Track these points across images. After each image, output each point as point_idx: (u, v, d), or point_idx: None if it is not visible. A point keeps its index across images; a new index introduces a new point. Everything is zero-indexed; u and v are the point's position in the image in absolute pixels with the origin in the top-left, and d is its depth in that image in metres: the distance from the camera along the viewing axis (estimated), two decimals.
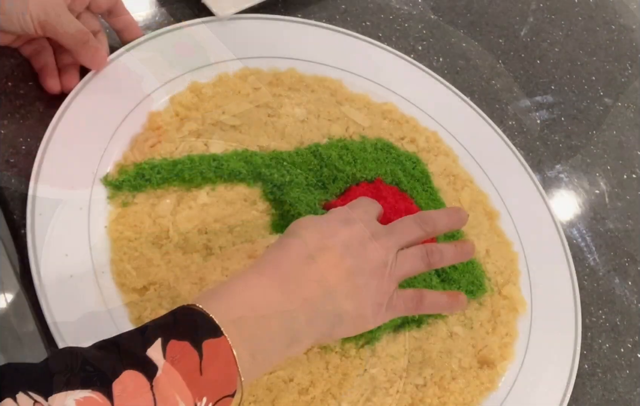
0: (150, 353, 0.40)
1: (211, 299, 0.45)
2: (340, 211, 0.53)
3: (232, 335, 0.43)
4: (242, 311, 0.45)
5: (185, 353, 0.41)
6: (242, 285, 0.46)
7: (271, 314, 0.46)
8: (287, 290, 0.47)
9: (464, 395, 0.59)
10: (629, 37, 1.03)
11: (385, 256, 0.51)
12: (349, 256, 0.49)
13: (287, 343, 0.47)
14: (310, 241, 0.49)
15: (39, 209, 0.56)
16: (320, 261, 0.48)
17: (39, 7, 0.59)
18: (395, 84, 0.78)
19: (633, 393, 0.67)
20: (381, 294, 0.51)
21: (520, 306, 0.67)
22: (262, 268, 0.48)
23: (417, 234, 0.54)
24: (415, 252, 0.54)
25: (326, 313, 0.48)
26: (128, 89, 0.66)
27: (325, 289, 0.48)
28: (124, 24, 0.69)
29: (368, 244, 0.51)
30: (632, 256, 0.78)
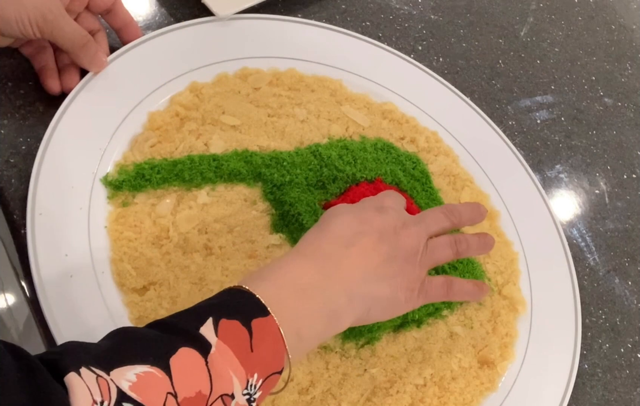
0: (203, 331, 0.41)
1: (257, 281, 0.46)
2: (373, 199, 0.56)
3: (279, 314, 0.44)
4: (287, 292, 0.46)
5: (236, 331, 0.42)
6: (285, 267, 0.48)
7: (314, 295, 0.47)
8: (328, 272, 0.49)
9: (464, 395, 0.59)
10: (629, 37, 1.03)
11: (417, 243, 0.53)
12: (384, 242, 0.51)
13: (329, 322, 0.48)
14: (348, 227, 0.51)
15: (39, 209, 0.56)
16: (357, 246, 0.50)
17: (37, 10, 0.59)
18: (395, 84, 0.78)
19: (633, 393, 0.67)
20: (413, 280, 0.53)
21: (520, 306, 0.67)
22: (304, 250, 0.50)
23: (445, 224, 0.57)
24: (445, 240, 0.56)
25: (364, 295, 0.50)
26: (128, 89, 0.66)
27: (363, 272, 0.50)
28: (124, 23, 0.69)
29: (401, 231, 0.53)
30: (632, 256, 0.78)
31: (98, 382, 0.37)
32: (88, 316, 0.53)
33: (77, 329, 0.52)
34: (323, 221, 0.52)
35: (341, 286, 0.49)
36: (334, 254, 0.50)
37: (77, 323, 0.52)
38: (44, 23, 0.59)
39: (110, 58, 0.67)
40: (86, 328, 0.52)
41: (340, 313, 0.49)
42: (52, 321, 0.51)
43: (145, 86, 0.67)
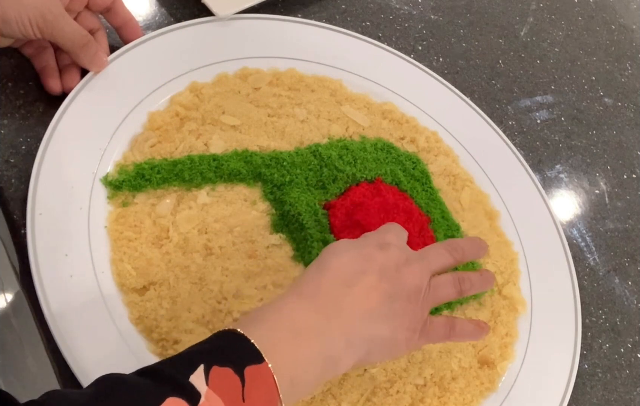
0: (193, 379, 0.40)
1: (252, 324, 0.45)
2: (375, 235, 0.53)
3: (273, 361, 0.43)
4: (283, 335, 0.45)
5: (228, 380, 0.41)
6: (283, 308, 0.47)
7: (311, 339, 0.46)
8: (327, 314, 0.47)
9: (464, 395, 0.59)
10: (629, 37, 1.03)
11: (419, 282, 0.51)
12: (386, 280, 0.50)
13: (325, 368, 0.47)
14: (349, 265, 0.49)
15: (39, 209, 0.56)
16: (359, 285, 0.49)
17: (37, 11, 0.59)
18: (395, 84, 0.78)
19: (633, 393, 0.67)
20: (415, 320, 0.51)
21: (520, 306, 0.66)
22: (302, 290, 0.48)
23: (448, 261, 0.55)
24: (448, 279, 0.54)
25: (363, 338, 0.48)
26: (128, 89, 0.66)
27: (363, 313, 0.48)
28: (124, 22, 0.69)
29: (403, 269, 0.51)
30: (632, 256, 0.78)
31: None
32: (88, 316, 0.53)
33: (77, 329, 0.52)
34: (323, 258, 0.50)
35: (340, 330, 0.47)
36: (334, 294, 0.48)
37: (77, 323, 0.52)
38: (44, 23, 0.59)
39: (111, 58, 0.67)
40: (86, 328, 0.52)
41: (337, 358, 0.47)
42: (52, 321, 0.51)
43: (145, 86, 0.67)
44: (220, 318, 0.56)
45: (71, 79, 0.64)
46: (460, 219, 0.71)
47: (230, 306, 0.56)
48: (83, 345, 0.51)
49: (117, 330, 0.53)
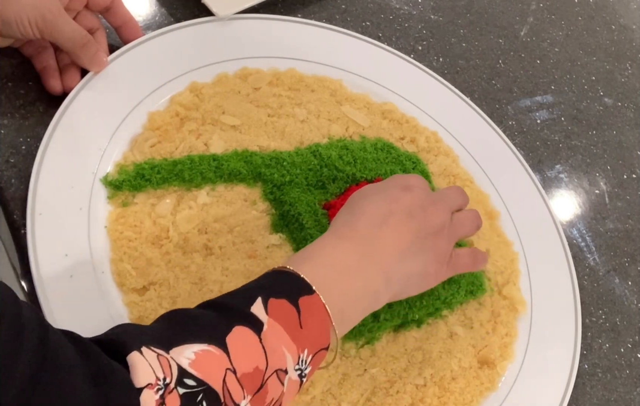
0: (254, 310, 0.43)
1: (299, 261, 0.48)
2: (397, 179, 0.57)
3: (323, 293, 0.46)
4: (329, 272, 0.48)
5: (285, 309, 0.44)
6: (324, 249, 0.50)
7: (354, 276, 0.49)
8: (365, 252, 0.50)
9: (464, 395, 0.59)
10: (629, 37, 1.03)
11: (443, 218, 0.55)
12: (414, 219, 0.53)
13: (369, 301, 0.51)
14: (379, 207, 0.53)
15: (39, 209, 0.56)
16: (390, 225, 0.52)
17: (37, 11, 0.59)
18: (395, 84, 0.78)
19: (633, 393, 0.67)
20: (442, 253, 0.55)
21: (520, 306, 0.66)
22: (340, 232, 0.52)
23: (463, 200, 0.60)
24: (468, 214, 0.60)
25: (399, 273, 0.52)
26: (128, 89, 0.66)
27: (397, 250, 0.52)
28: (123, 21, 0.69)
29: (428, 207, 0.55)
30: (632, 256, 0.78)
31: (159, 360, 0.38)
32: (88, 316, 0.53)
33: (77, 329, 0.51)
34: (353, 202, 0.54)
35: (379, 267, 0.50)
36: (369, 235, 0.51)
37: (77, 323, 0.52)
38: (43, 23, 0.59)
39: (111, 58, 0.67)
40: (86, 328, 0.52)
41: (378, 292, 0.51)
42: (52, 321, 0.51)
43: (145, 86, 0.67)
44: None
45: (71, 79, 0.64)
46: None
47: None
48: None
49: None
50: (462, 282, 0.65)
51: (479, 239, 0.70)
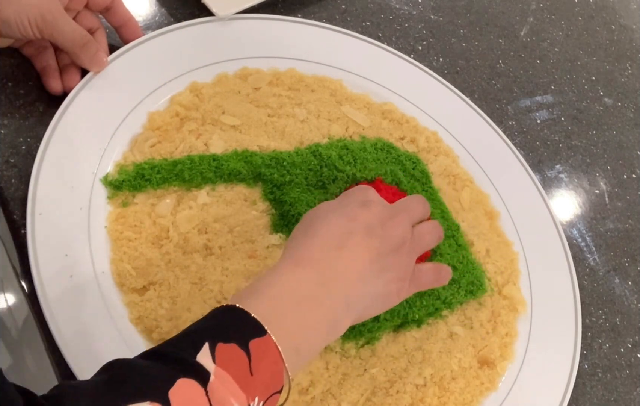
0: (200, 358, 0.40)
1: (250, 298, 0.45)
2: (353, 194, 0.54)
3: (276, 332, 0.43)
4: (283, 306, 0.45)
5: (235, 356, 0.41)
6: (279, 279, 0.47)
7: (311, 306, 0.46)
8: (323, 281, 0.47)
9: (464, 395, 0.59)
10: (629, 37, 1.03)
11: (404, 232, 0.52)
12: (373, 236, 0.50)
13: (328, 332, 0.47)
14: (336, 227, 0.50)
15: (39, 209, 0.56)
16: (348, 246, 0.49)
17: (36, 11, 0.59)
18: (395, 84, 0.78)
19: (633, 393, 0.67)
20: (404, 270, 0.52)
21: (520, 306, 0.66)
22: (295, 259, 0.48)
23: (424, 209, 0.57)
24: (429, 227, 0.57)
25: (360, 296, 0.49)
26: (128, 89, 0.66)
27: (358, 274, 0.49)
28: (123, 21, 0.69)
29: (387, 222, 0.52)
30: (632, 256, 0.78)
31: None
32: (88, 316, 0.53)
33: (77, 329, 0.52)
34: (308, 223, 0.51)
35: (338, 293, 0.48)
36: (327, 259, 0.48)
37: (77, 323, 0.52)
38: (43, 23, 0.59)
39: (111, 58, 0.67)
40: (86, 328, 0.52)
41: (338, 321, 0.48)
42: (52, 321, 0.51)
43: (145, 86, 0.67)
44: None
45: (71, 79, 0.64)
46: (460, 219, 0.71)
47: None
48: (83, 344, 0.51)
49: (117, 330, 0.53)
50: (462, 282, 0.65)
51: (479, 239, 0.70)
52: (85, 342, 0.51)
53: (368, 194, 0.54)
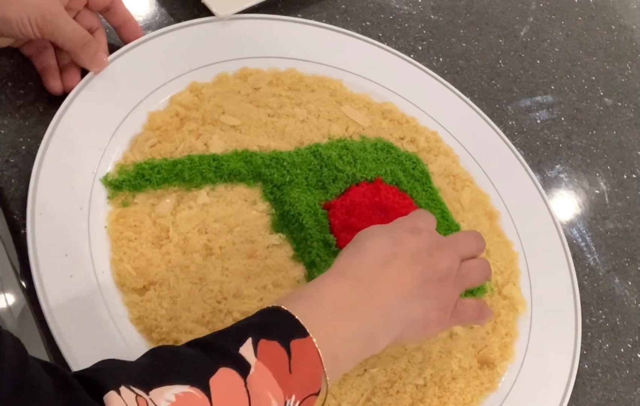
0: (243, 351, 0.41)
1: (295, 302, 0.46)
2: (407, 220, 0.55)
3: (317, 335, 0.44)
4: (325, 313, 0.46)
5: (275, 352, 0.42)
6: (323, 287, 0.48)
7: (351, 317, 0.47)
8: (365, 295, 0.49)
9: (464, 395, 0.59)
10: (629, 37, 1.03)
11: (450, 265, 0.53)
12: (419, 263, 0.51)
13: (364, 346, 0.48)
14: (384, 248, 0.51)
15: (39, 209, 0.56)
16: (393, 268, 0.50)
17: (37, 10, 0.59)
18: (395, 84, 0.78)
19: (633, 393, 0.67)
20: (446, 301, 0.53)
21: (520, 306, 0.66)
22: (342, 272, 0.50)
23: (478, 246, 0.57)
24: (478, 265, 0.57)
25: (399, 318, 0.50)
26: (128, 89, 0.66)
27: (398, 295, 0.50)
28: (123, 21, 0.69)
29: (435, 252, 0.53)
30: (632, 256, 0.78)
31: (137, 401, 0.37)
32: (88, 316, 0.53)
33: (77, 329, 0.52)
34: (358, 241, 0.52)
35: (378, 310, 0.49)
36: (371, 276, 0.49)
37: (77, 323, 0.52)
38: (43, 23, 0.59)
39: (111, 58, 0.67)
40: (86, 328, 0.52)
41: (376, 336, 0.49)
42: (52, 321, 0.51)
43: (145, 86, 0.67)
44: (220, 318, 0.56)
45: (71, 79, 0.64)
46: (460, 219, 0.71)
47: (230, 306, 0.56)
48: (83, 345, 0.51)
49: (117, 330, 0.53)
50: None
51: None
52: (85, 342, 0.51)
53: (419, 222, 0.55)
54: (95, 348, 0.51)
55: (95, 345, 0.51)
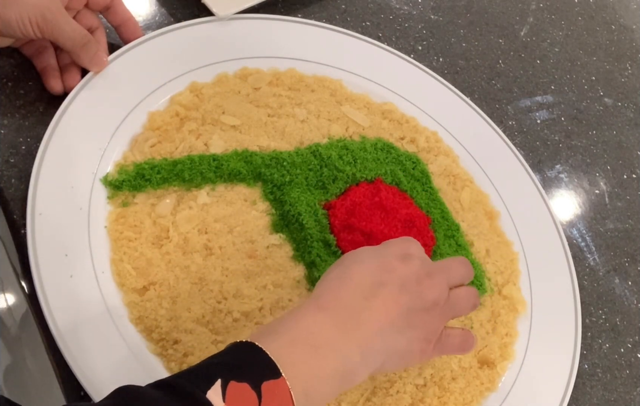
0: (210, 395, 0.40)
1: (270, 336, 0.45)
2: (396, 244, 0.53)
3: (290, 375, 0.43)
4: (301, 349, 0.45)
5: (245, 396, 0.41)
6: (301, 320, 0.46)
7: (328, 355, 0.46)
8: (344, 328, 0.47)
9: (464, 395, 0.59)
10: (629, 37, 1.03)
11: (438, 294, 0.51)
12: (406, 292, 0.50)
13: (340, 382, 0.47)
14: (370, 275, 0.49)
15: (39, 209, 0.56)
16: (378, 298, 0.49)
17: (37, 10, 0.59)
18: (395, 84, 0.78)
19: (633, 393, 0.67)
20: (431, 332, 0.51)
21: (520, 306, 0.66)
22: (321, 302, 0.48)
23: (466, 274, 0.55)
24: (466, 293, 0.55)
25: (379, 350, 0.48)
26: (128, 89, 0.66)
27: (381, 326, 0.48)
28: (122, 20, 0.69)
29: (424, 281, 0.51)
30: (632, 256, 0.78)
31: None
32: (88, 316, 0.53)
33: (77, 329, 0.51)
34: (344, 265, 0.51)
35: (357, 344, 0.47)
36: (353, 308, 0.48)
37: (77, 323, 0.52)
38: (44, 23, 0.59)
39: (111, 58, 0.67)
40: (86, 328, 0.52)
41: (353, 372, 0.47)
42: (52, 321, 0.51)
43: (145, 86, 0.67)
44: (220, 318, 0.56)
45: (71, 79, 0.64)
46: (460, 219, 0.71)
47: (230, 306, 0.56)
48: (83, 345, 0.51)
49: (117, 330, 0.53)
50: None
51: (479, 239, 0.70)
52: (85, 342, 0.51)
53: (410, 248, 0.53)
54: (94, 348, 0.51)
55: (95, 345, 0.51)
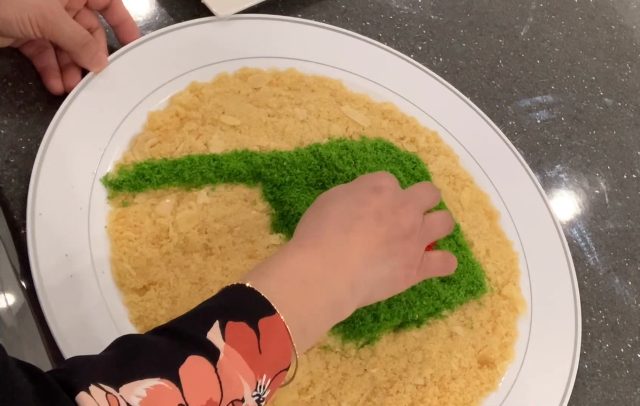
0: (211, 336, 0.41)
1: (260, 277, 0.46)
2: (368, 179, 0.55)
3: (284, 311, 0.44)
4: (291, 286, 0.46)
5: (244, 334, 0.42)
6: (287, 260, 0.48)
7: (318, 288, 0.47)
8: (330, 263, 0.48)
9: (464, 395, 0.59)
10: (629, 37, 1.03)
11: (413, 220, 0.53)
12: (383, 223, 0.51)
13: (332, 314, 0.48)
14: (346, 210, 0.51)
15: (39, 209, 0.56)
16: (357, 230, 0.50)
17: (37, 10, 0.59)
18: (395, 84, 0.78)
19: (633, 393, 0.67)
20: (412, 257, 0.53)
21: (520, 306, 0.67)
22: (304, 241, 0.49)
23: (434, 196, 0.57)
24: (440, 217, 0.57)
25: (366, 280, 0.50)
26: (128, 89, 0.66)
27: (364, 257, 0.50)
28: (120, 20, 0.69)
29: (398, 209, 0.52)
30: (632, 256, 0.78)
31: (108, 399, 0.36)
32: (88, 316, 0.53)
33: (77, 329, 0.52)
34: (320, 206, 0.52)
35: (344, 276, 0.48)
36: (334, 242, 0.49)
37: (77, 323, 0.52)
38: (44, 23, 0.59)
39: (111, 58, 0.67)
40: (86, 328, 0.52)
41: (343, 302, 0.49)
42: (52, 321, 0.51)
43: (145, 86, 0.67)
44: None
45: (71, 79, 0.65)
46: (460, 219, 0.71)
47: None
48: (83, 345, 0.51)
49: (117, 330, 0.53)
50: (462, 282, 0.65)
51: (479, 239, 0.70)
52: (85, 342, 0.51)
53: (382, 180, 0.54)
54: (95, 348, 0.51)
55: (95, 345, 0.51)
